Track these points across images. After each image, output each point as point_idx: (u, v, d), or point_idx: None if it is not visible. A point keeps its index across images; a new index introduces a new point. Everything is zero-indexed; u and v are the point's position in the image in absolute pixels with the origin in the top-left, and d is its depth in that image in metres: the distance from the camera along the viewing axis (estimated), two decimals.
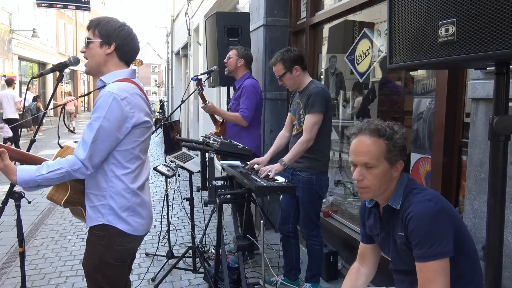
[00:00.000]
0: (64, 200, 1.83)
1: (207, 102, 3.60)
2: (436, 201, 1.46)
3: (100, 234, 1.81)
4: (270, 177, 2.65)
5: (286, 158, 2.81)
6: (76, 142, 1.94)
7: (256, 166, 2.86)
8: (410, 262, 1.50)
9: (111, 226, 1.80)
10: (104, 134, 1.70)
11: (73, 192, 1.84)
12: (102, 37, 1.83)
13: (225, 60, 3.71)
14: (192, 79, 3.54)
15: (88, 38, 1.85)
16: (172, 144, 3.65)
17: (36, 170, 1.66)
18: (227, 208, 4.92)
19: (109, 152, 1.75)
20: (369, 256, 1.79)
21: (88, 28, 1.88)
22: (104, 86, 1.80)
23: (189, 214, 3.52)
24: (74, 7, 16.99)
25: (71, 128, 13.76)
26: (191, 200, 3.50)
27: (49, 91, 23.58)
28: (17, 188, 1.81)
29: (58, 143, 1.89)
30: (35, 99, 14.27)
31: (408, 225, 1.46)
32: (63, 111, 2.13)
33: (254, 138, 3.69)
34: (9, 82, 10.43)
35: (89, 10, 17.67)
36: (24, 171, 1.67)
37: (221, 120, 3.82)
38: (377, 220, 1.67)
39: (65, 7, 16.96)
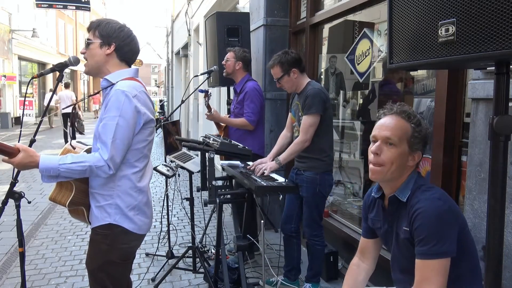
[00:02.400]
0: (69, 200, 1.82)
1: (212, 110, 3.59)
2: (445, 200, 1.46)
3: (104, 233, 1.81)
4: (265, 174, 2.66)
5: (281, 157, 2.84)
6: (79, 142, 1.94)
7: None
8: (410, 257, 1.50)
9: (115, 225, 1.80)
10: (122, 133, 1.71)
11: (77, 192, 1.84)
12: (102, 38, 1.84)
13: (223, 62, 3.71)
14: (199, 91, 3.56)
15: (88, 39, 1.86)
16: (171, 146, 3.65)
17: (59, 159, 1.67)
18: (227, 208, 4.92)
19: (127, 150, 1.76)
20: (370, 251, 1.79)
21: (89, 29, 1.89)
22: (111, 85, 1.80)
23: (189, 214, 3.52)
24: (74, 7, 17.00)
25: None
26: (191, 200, 3.50)
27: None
28: (17, 188, 1.81)
29: (71, 144, 1.89)
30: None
31: (415, 221, 1.46)
32: (73, 111, 2.14)
33: (258, 140, 3.70)
34: (67, 85, 14.03)
35: (89, 10, 17.67)
36: (47, 158, 1.67)
37: (224, 124, 3.83)
38: (381, 211, 1.67)
39: (64, 7, 16.97)
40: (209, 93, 3.57)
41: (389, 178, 1.56)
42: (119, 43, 1.86)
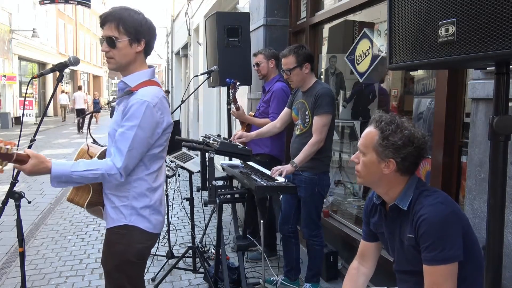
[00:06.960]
0: (87, 202, 1.83)
1: (238, 106, 3.45)
2: (448, 204, 1.45)
3: (120, 233, 1.80)
4: (282, 176, 2.64)
5: (297, 159, 2.79)
6: (94, 143, 1.93)
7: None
8: (416, 263, 1.50)
9: (131, 225, 1.79)
10: (138, 142, 1.69)
11: (94, 193, 1.84)
12: (130, 35, 1.72)
13: (255, 68, 3.68)
14: (226, 81, 3.37)
15: (114, 37, 1.70)
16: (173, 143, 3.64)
17: (72, 166, 1.65)
18: (227, 208, 4.92)
19: (141, 158, 1.75)
20: (370, 255, 1.79)
21: (105, 22, 1.72)
22: (128, 88, 1.77)
23: (189, 214, 3.52)
24: (75, 2, 16.95)
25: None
26: (191, 200, 3.50)
27: (49, 91, 23.58)
28: (17, 188, 1.81)
29: (87, 143, 1.87)
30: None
31: (419, 228, 1.45)
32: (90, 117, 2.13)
33: (278, 143, 3.64)
34: (80, 87, 19.78)
35: (89, 7, 17.65)
36: (59, 164, 1.64)
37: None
38: (383, 217, 1.66)
39: (66, 1, 16.92)
40: (237, 85, 3.36)
41: (369, 183, 1.66)
42: (148, 39, 1.76)
